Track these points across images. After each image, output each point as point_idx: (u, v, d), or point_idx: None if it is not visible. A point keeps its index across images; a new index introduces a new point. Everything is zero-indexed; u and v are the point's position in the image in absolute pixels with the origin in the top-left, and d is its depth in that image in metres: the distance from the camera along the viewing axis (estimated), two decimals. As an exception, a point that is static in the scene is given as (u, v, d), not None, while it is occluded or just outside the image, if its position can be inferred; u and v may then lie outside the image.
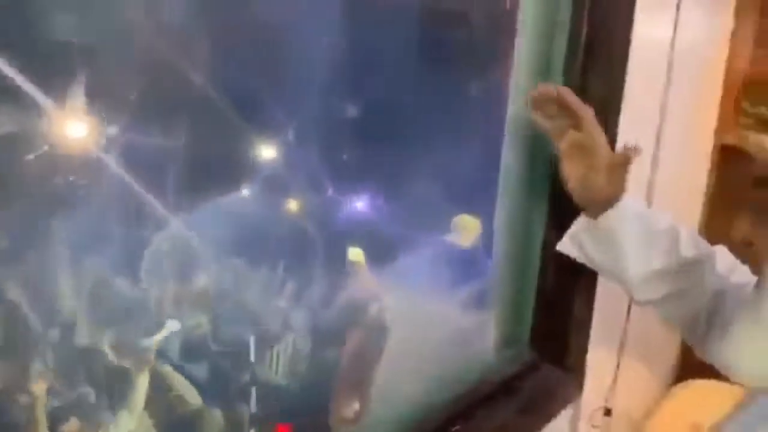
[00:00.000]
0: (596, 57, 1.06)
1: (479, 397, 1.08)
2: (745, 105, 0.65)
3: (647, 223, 0.92)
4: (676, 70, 1.20)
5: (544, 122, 0.92)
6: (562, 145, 0.92)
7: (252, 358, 1.68)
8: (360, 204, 2.02)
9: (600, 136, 0.90)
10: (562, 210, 1.10)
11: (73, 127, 1.02)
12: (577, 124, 0.90)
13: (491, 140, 1.16)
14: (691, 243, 0.92)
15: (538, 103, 0.92)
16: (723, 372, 0.72)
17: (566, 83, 1.07)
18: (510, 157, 1.14)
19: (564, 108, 0.90)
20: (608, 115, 1.09)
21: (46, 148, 0.95)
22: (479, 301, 1.32)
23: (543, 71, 1.11)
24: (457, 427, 0.99)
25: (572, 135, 0.91)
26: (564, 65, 1.08)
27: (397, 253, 1.73)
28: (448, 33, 1.59)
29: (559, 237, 1.04)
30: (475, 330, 1.25)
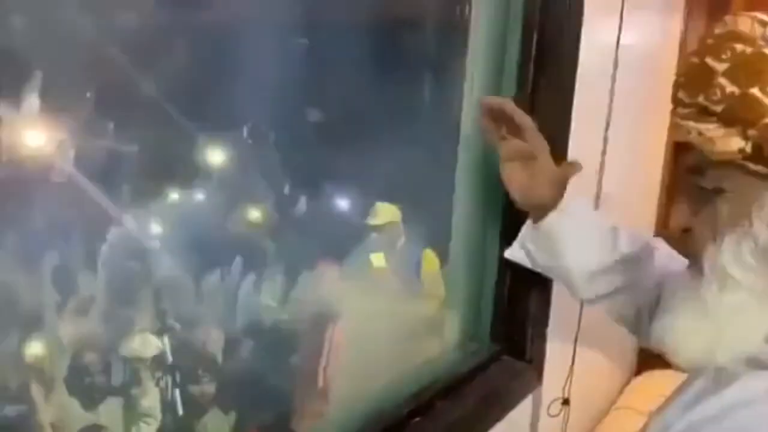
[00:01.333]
0: (547, 62, 1.09)
1: (440, 390, 1.10)
2: (682, 95, 0.68)
3: (586, 222, 0.95)
4: (622, 72, 1.25)
5: (488, 130, 0.95)
6: (502, 152, 0.95)
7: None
8: (319, 202, 2.04)
9: (541, 144, 0.93)
10: (519, 210, 1.13)
11: (29, 133, 1.02)
12: (518, 132, 0.92)
13: (447, 145, 1.19)
14: (629, 239, 0.95)
15: (487, 111, 0.94)
16: (666, 355, 0.73)
17: (519, 89, 1.11)
18: (465, 160, 1.17)
19: (505, 117, 0.93)
20: (559, 117, 1.13)
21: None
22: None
23: (496, 76, 1.14)
24: (418, 419, 1.01)
25: (513, 142, 0.94)
26: (516, 71, 1.11)
27: (358, 249, 1.75)
28: (403, 40, 1.62)
29: (515, 236, 1.06)
30: (437, 324, 1.27)
